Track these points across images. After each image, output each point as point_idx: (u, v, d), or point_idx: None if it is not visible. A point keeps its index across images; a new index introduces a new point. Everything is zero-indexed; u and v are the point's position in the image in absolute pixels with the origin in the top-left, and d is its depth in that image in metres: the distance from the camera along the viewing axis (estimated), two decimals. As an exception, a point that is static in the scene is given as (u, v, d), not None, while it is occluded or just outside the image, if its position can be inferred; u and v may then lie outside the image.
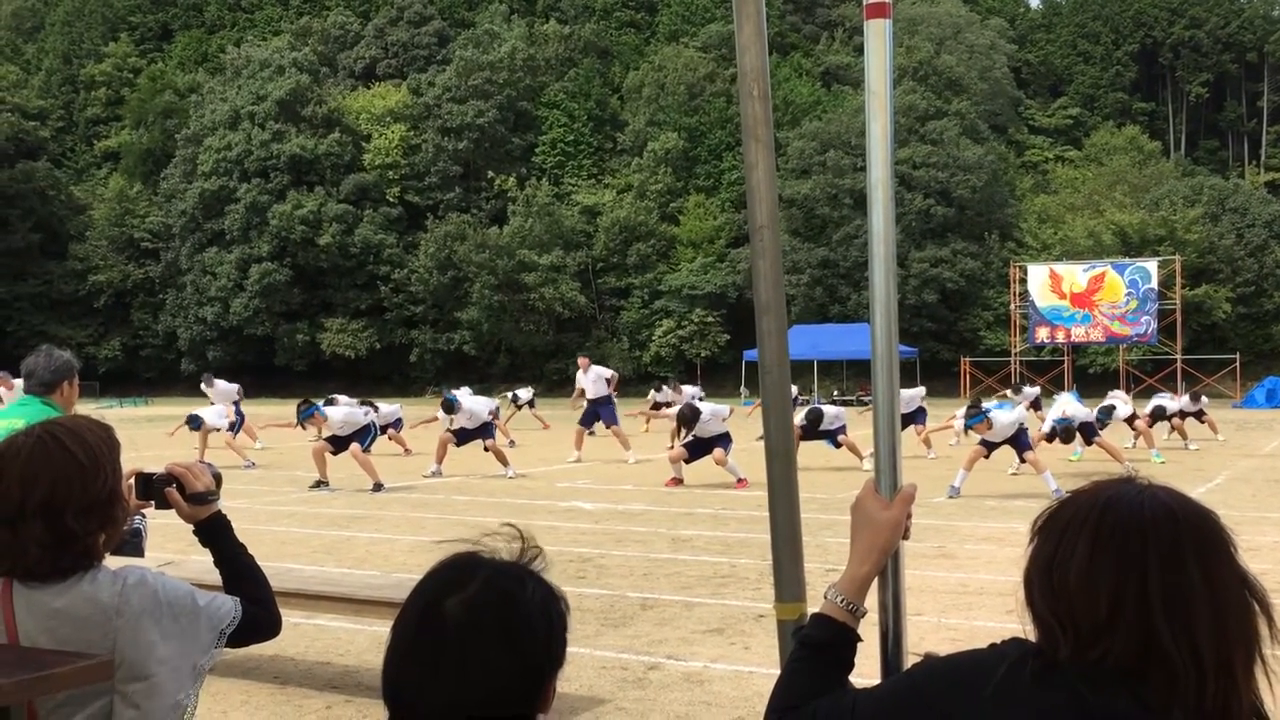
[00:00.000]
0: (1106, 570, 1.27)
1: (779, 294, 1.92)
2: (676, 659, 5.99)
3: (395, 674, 1.32)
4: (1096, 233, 48.09)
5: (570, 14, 65.01)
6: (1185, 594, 1.25)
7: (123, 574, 1.92)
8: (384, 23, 63.82)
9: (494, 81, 57.20)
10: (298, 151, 55.65)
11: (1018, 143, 61.77)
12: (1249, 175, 61.82)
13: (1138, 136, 59.89)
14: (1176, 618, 1.24)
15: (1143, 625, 1.25)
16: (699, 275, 51.34)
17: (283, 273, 54.44)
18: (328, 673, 5.90)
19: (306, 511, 12.30)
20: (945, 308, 49.23)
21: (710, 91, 56.13)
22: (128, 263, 59.54)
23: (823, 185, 50.07)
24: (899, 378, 1.78)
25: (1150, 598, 1.25)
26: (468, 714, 1.28)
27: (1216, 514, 1.32)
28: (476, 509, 12.21)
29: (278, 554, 9.28)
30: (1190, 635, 1.24)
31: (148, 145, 61.88)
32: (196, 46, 68.94)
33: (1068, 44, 66.91)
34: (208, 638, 1.97)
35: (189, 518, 2.17)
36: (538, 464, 17.63)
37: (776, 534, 1.91)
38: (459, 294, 53.60)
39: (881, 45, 1.76)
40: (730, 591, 7.79)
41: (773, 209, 1.91)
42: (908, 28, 57.42)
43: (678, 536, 10.28)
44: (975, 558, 9.00)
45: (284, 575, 6.31)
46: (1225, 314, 46.19)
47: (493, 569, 1.34)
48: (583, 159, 58.25)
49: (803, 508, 1.95)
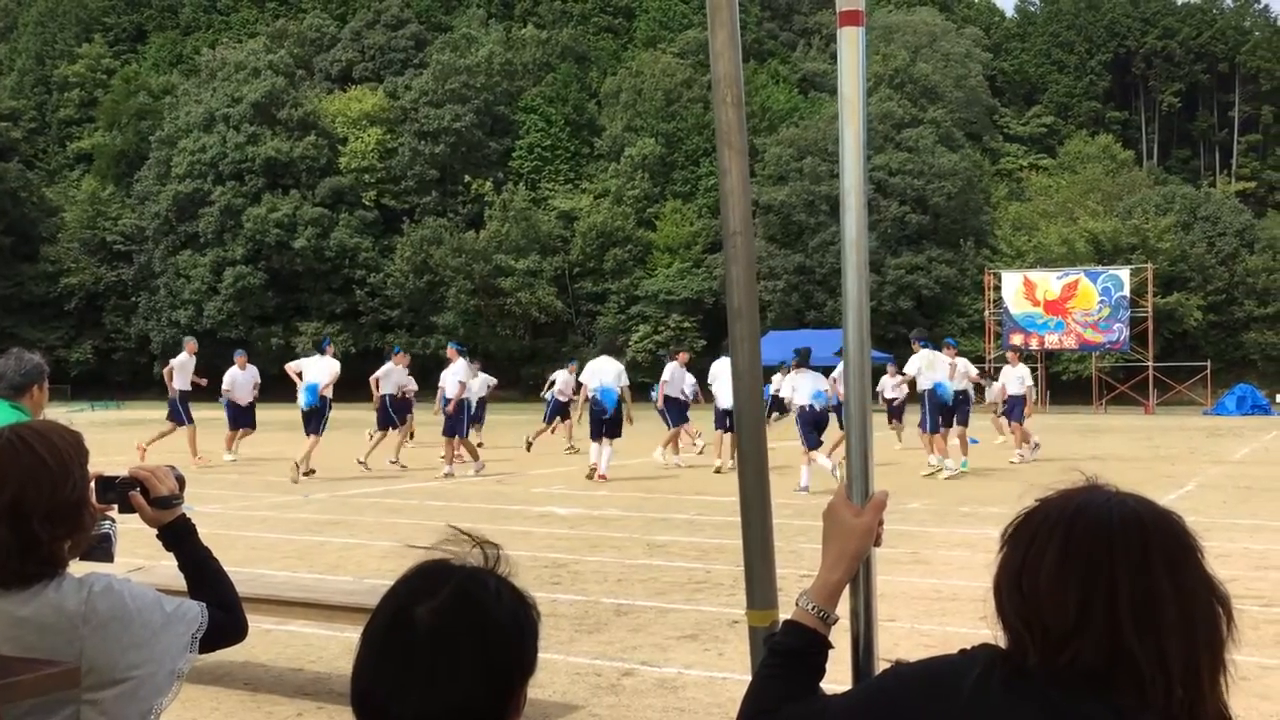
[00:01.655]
0: (1075, 577, 1.27)
1: (752, 300, 1.92)
2: (650, 665, 5.98)
3: (364, 682, 1.30)
4: (1070, 240, 48.46)
5: (548, 19, 65.02)
6: (1153, 600, 1.25)
7: (89, 581, 1.89)
8: (361, 26, 63.63)
9: (471, 86, 57.12)
10: (273, 154, 55.37)
11: (993, 150, 62.17)
12: (1220, 184, 62.47)
13: (1111, 145, 60.42)
14: (1145, 624, 1.24)
15: (1111, 631, 1.25)
16: (675, 280, 51.41)
17: (257, 276, 54.12)
18: (299, 679, 5.86)
19: (279, 517, 12.22)
20: (921, 314, 49.45)
21: (687, 98, 56.24)
22: (100, 265, 59.06)
23: (799, 192, 50.24)
24: (870, 383, 1.79)
25: (1119, 604, 1.25)
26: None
27: (1183, 520, 1.33)
28: (451, 514, 12.15)
29: (249, 559, 9.22)
30: (1158, 641, 1.24)
31: (121, 147, 61.43)
32: (171, 48, 68.53)
33: (1042, 53, 67.43)
34: (179, 644, 1.94)
35: (153, 521, 2.13)
36: (510, 467, 17.58)
37: (749, 540, 1.90)
38: (435, 298, 53.44)
39: (854, 52, 1.76)
40: (705, 597, 7.79)
41: (746, 215, 1.91)
42: (884, 35, 57.71)
43: (652, 542, 10.28)
44: (948, 564, 9.03)
45: (255, 581, 6.27)
46: (1196, 322, 46.62)
47: (463, 576, 1.33)
48: (560, 164, 58.21)
49: (777, 514, 1.95)
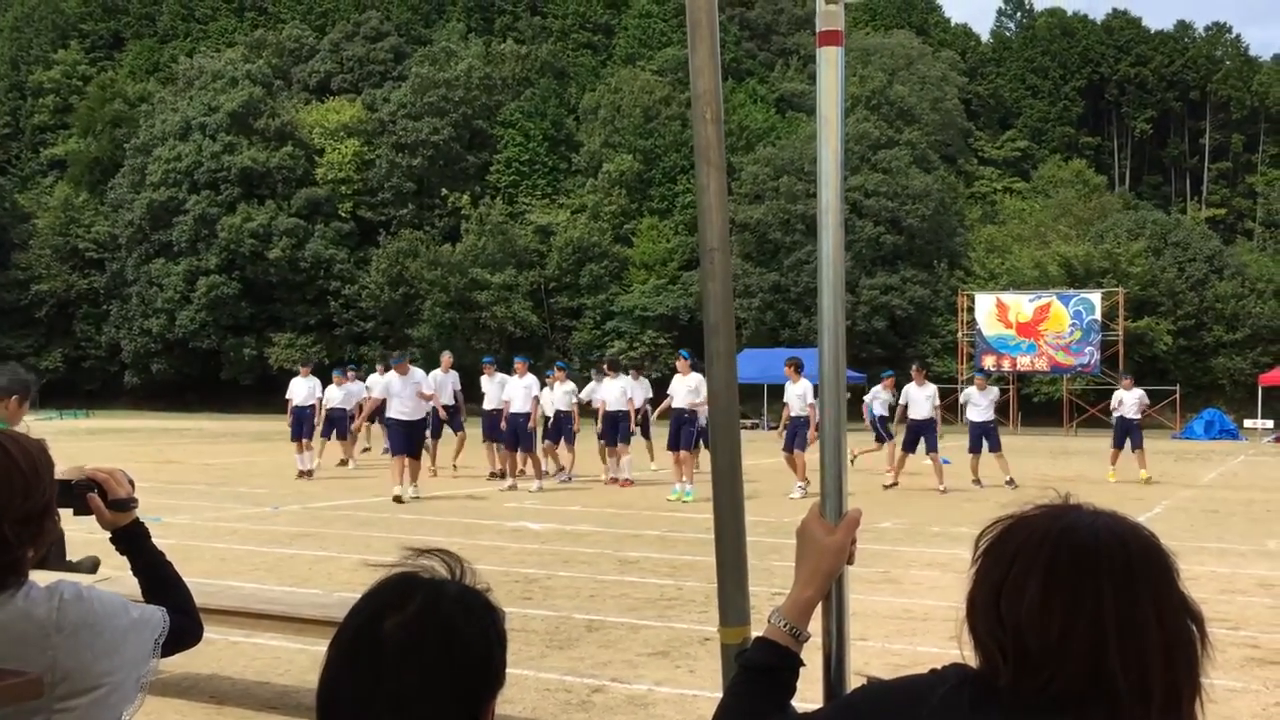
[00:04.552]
0: (1060, 599, 1.25)
1: (729, 317, 1.92)
2: (621, 681, 5.96)
3: (330, 696, 1.29)
4: (1043, 263, 48.82)
5: (528, 34, 65.09)
6: (1138, 624, 1.23)
7: (58, 589, 1.87)
8: (340, 37, 63.49)
9: (450, 99, 57.08)
10: (249, 164, 55.09)
11: (967, 173, 62.62)
12: (1190, 210, 63.14)
13: (1084, 170, 60.97)
14: (1128, 648, 1.22)
15: (1094, 656, 1.23)
16: (651, 297, 51.43)
17: (231, 286, 53.78)
18: (266, 693, 5.81)
19: (249, 529, 12.12)
20: (894, 334, 49.67)
21: (665, 115, 56.40)
22: (71, 273, 58.51)
23: (775, 210, 50.43)
24: (846, 402, 1.79)
25: (1104, 628, 1.23)
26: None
27: (1160, 540, 1.32)
28: (424, 528, 12.10)
29: (218, 571, 9.14)
30: (1141, 665, 1.22)
31: (95, 154, 60.94)
32: (148, 56, 68.12)
33: (1017, 78, 68.05)
34: (145, 650, 1.93)
35: (109, 524, 2.11)
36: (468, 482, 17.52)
37: (722, 556, 1.90)
38: (410, 311, 53.26)
39: (833, 72, 1.77)
40: (676, 614, 7.78)
41: (724, 232, 1.91)
42: (861, 58, 58.09)
43: (625, 558, 10.26)
44: (920, 584, 9.06)
45: (223, 593, 6.21)
46: (1166, 346, 47.02)
47: (431, 589, 1.32)
48: (537, 179, 58.22)
49: (751, 531, 1.95)
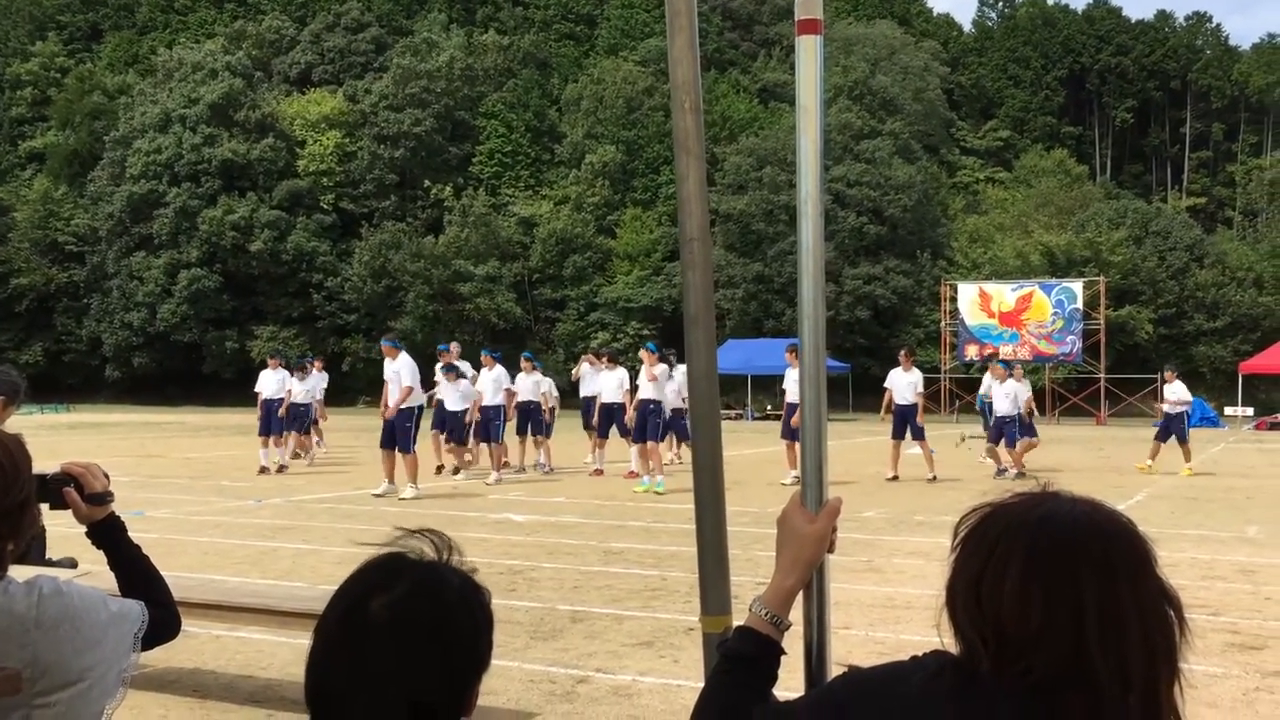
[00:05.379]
0: (1040, 590, 1.26)
1: (709, 307, 1.92)
2: (605, 672, 5.97)
3: (319, 678, 1.29)
4: (1025, 253, 48.98)
5: (510, 25, 64.87)
6: (1117, 611, 1.24)
7: (37, 583, 1.87)
8: (320, 28, 63.15)
9: (432, 90, 56.86)
10: (230, 156, 54.77)
11: (949, 163, 62.75)
12: (1171, 200, 63.45)
13: (1065, 160, 61.17)
14: (1108, 635, 1.23)
15: (1074, 642, 1.24)
16: (635, 288, 51.41)
17: (212, 279, 53.48)
18: (249, 686, 5.80)
19: (232, 522, 12.08)
20: (877, 324, 49.78)
21: (648, 105, 56.33)
22: (51, 266, 58.12)
23: (758, 201, 50.44)
24: (826, 392, 1.79)
25: (1084, 616, 1.24)
26: (392, 717, 1.26)
27: (1137, 527, 1.32)
28: (407, 519, 12.05)
29: (201, 565, 9.11)
30: (1119, 651, 1.23)
31: (74, 147, 60.48)
32: (127, 47, 67.62)
33: (999, 68, 68.21)
34: (125, 644, 1.94)
35: (85, 518, 2.10)
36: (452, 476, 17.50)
37: (703, 546, 1.90)
38: (393, 303, 53.10)
39: (812, 61, 1.77)
40: (661, 604, 7.79)
41: (704, 222, 1.91)
42: (843, 48, 58.10)
43: (609, 549, 10.27)
44: (903, 572, 9.10)
45: (206, 587, 6.19)
46: (1147, 335, 47.26)
47: (419, 570, 1.32)
48: (520, 170, 58.09)
49: (734, 521, 1.95)
